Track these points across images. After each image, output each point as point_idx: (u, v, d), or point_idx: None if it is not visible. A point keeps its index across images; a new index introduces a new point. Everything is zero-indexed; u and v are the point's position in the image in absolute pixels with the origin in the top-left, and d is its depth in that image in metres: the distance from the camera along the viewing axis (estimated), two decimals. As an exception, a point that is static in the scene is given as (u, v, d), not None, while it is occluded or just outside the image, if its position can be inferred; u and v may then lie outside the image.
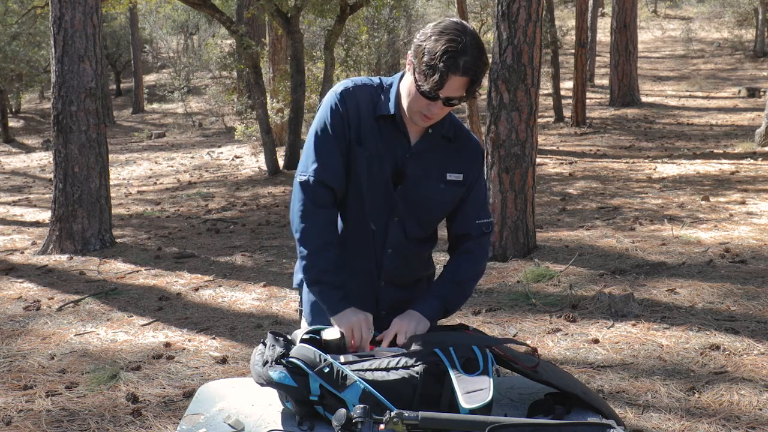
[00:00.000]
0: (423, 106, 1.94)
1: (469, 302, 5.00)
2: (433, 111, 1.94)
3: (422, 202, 2.08)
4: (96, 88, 7.15)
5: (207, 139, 18.41)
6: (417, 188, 2.07)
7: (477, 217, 2.16)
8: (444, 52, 1.83)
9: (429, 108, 1.94)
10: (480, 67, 1.86)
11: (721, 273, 5.14)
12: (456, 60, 1.83)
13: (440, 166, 2.08)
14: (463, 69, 1.83)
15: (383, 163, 2.04)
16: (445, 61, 1.82)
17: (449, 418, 1.63)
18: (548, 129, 14.69)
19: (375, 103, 2.05)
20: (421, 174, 2.06)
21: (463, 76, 1.85)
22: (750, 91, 16.77)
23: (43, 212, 9.90)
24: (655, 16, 28.52)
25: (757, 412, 3.20)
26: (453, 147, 2.10)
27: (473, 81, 1.87)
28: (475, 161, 2.14)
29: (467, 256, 2.16)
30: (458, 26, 1.88)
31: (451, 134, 2.09)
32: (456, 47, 1.83)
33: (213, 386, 2.10)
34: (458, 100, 1.91)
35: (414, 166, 2.05)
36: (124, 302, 5.46)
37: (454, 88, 1.86)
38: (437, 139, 2.07)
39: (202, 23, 26.65)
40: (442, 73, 1.83)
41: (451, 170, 2.09)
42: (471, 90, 1.89)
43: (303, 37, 12.18)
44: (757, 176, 9.06)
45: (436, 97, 1.89)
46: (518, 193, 5.97)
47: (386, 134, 2.04)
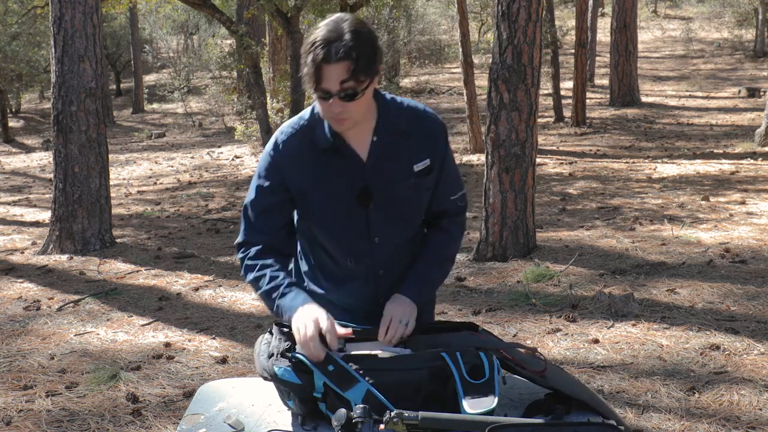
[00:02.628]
0: (326, 110, 1.85)
1: (469, 302, 5.00)
2: (335, 111, 1.83)
3: (399, 206, 2.04)
4: (96, 88, 7.15)
5: (207, 139, 18.41)
6: (390, 197, 2.01)
7: (451, 193, 2.13)
8: (312, 43, 1.77)
9: (331, 109, 1.83)
10: (358, 48, 1.76)
11: (721, 273, 5.14)
12: (327, 48, 1.75)
13: (403, 163, 2.00)
14: (335, 55, 1.75)
15: (343, 194, 1.98)
16: (314, 51, 1.76)
17: (449, 418, 1.63)
18: (548, 129, 14.69)
19: (312, 140, 1.97)
20: (387, 181, 1.99)
21: (339, 62, 1.75)
22: (750, 91, 16.77)
23: (43, 212, 9.90)
24: (655, 16, 28.52)
25: (757, 412, 3.20)
26: (411, 136, 2.00)
27: (353, 64, 1.76)
28: (437, 138, 2.04)
29: (446, 235, 2.15)
30: (336, 17, 1.81)
31: (404, 125, 1.99)
32: (326, 36, 1.76)
33: (213, 386, 2.10)
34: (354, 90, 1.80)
35: (377, 179, 1.98)
36: (124, 302, 5.46)
37: (333, 77, 1.77)
38: (389, 140, 1.98)
39: (202, 23, 26.65)
40: (313, 64, 1.77)
41: (416, 160, 2.01)
42: (355, 75, 1.77)
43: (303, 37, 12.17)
44: (757, 176, 9.06)
45: (325, 94, 1.80)
46: (518, 193, 5.97)
47: (335, 163, 1.96)
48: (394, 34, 19.24)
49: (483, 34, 21.60)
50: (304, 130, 1.97)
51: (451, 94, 19.91)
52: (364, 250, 2.05)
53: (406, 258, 2.11)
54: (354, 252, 2.06)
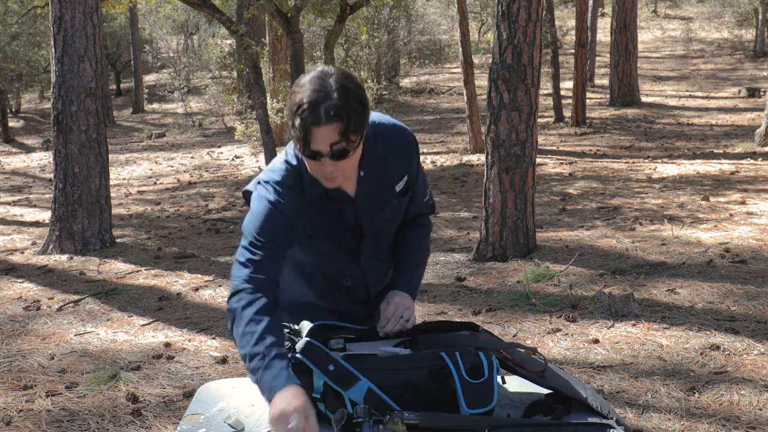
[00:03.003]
0: (316, 170, 1.80)
1: (469, 302, 5.00)
2: (326, 171, 1.78)
3: (386, 227, 2.09)
4: (96, 88, 7.15)
5: (207, 139, 18.40)
6: (378, 222, 2.05)
7: (423, 195, 2.17)
8: (299, 105, 1.69)
9: (323, 170, 1.78)
10: (347, 108, 1.69)
11: (721, 273, 5.14)
12: (314, 110, 1.68)
13: (387, 188, 2.01)
14: (325, 116, 1.68)
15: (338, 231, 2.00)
16: (302, 114, 1.69)
17: (449, 418, 1.64)
18: (548, 129, 14.69)
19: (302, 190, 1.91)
20: (375, 210, 2.02)
21: (328, 125, 1.69)
22: (750, 91, 16.77)
23: (43, 212, 9.90)
24: (655, 16, 28.52)
25: (757, 412, 3.20)
26: (390, 159, 1.98)
27: (344, 125, 1.70)
28: (411, 154, 2.04)
29: (423, 231, 2.21)
30: (319, 73, 1.73)
31: (382, 149, 1.95)
32: (312, 97, 1.68)
33: (213, 386, 2.10)
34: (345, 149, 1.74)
35: (366, 211, 2.00)
36: (124, 302, 5.46)
37: (323, 139, 1.71)
38: (373, 170, 1.95)
39: (202, 23, 26.64)
40: (302, 128, 1.70)
41: (396, 180, 2.02)
42: (346, 135, 1.71)
43: (303, 37, 12.17)
44: (757, 176, 9.06)
45: (315, 155, 1.75)
46: (518, 193, 5.97)
47: (329, 207, 1.96)
48: (394, 34, 19.25)
49: (483, 34, 21.59)
50: (294, 179, 1.91)
51: (451, 94, 19.91)
52: (356, 271, 2.11)
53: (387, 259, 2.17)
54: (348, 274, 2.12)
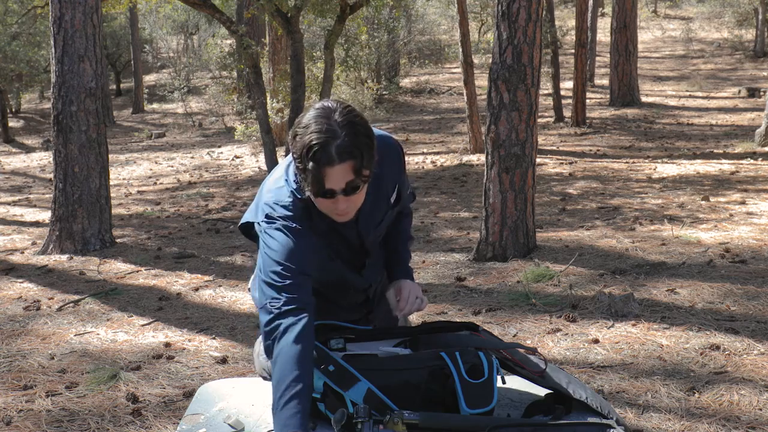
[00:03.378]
0: (329, 207, 1.78)
1: (469, 302, 5.00)
2: (341, 208, 1.76)
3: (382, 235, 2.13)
4: (96, 88, 7.15)
5: (207, 139, 18.41)
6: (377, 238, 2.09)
7: (407, 190, 2.19)
8: (309, 147, 1.65)
9: (335, 207, 1.76)
10: (358, 145, 1.66)
11: (721, 273, 5.14)
12: (325, 150, 1.64)
13: (383, 202, 2.02)
14: (337, 156, 1.65)
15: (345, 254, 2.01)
16: (313, 157, 1.65)
17: (449, 418, 1.64)
18: (548, 129, 14.69)
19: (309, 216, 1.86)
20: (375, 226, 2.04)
21: (342, 163, 1.66)
22: (750, 91, 16.77)
23: (43, 212, 9.90)
24: (655, 16, 28.52)
25: (757, 412, 3.20)
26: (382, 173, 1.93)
27: (356, 162, 1.68)
28: (399, 163, 2.03)
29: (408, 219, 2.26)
30: (322, 111, 1.69)
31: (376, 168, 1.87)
32: (320, 138, 1.64)
33: (213, 386, 2.10)
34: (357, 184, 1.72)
35: (368, 230, 2.02)
36: (124, 302, 5.47)
37: (338, 178, 1.69)
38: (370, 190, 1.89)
39: (202, 23, 26.65)
40: (315, 170, 1.66)
41: (390, 192, 2.02)
42: (360, 171, 1.69)
43: (303, 37, 12.17)
44: (757, 176, 9.06)
45: (329, 194, 1.72)
46: (518, 193, 5.97)
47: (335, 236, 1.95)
48: (394, 34, 19.25)
49: (483, 34, 21.59)
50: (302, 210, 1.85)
51: (451, 94, 19.91)
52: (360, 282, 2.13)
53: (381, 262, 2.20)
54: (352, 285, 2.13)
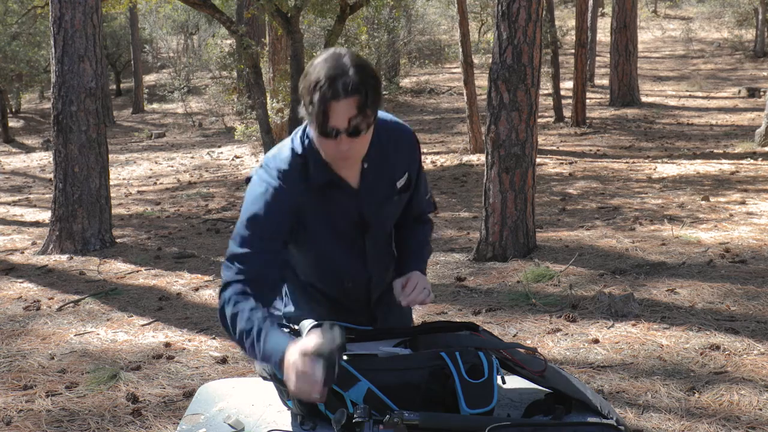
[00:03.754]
0: (332, 149, 1.79)
1: (469, 302, 5.00)
2: (342, 149, 1.78)
3: (386, 223, 2.08)
4: (96, 88, 7.15)
5: (207, 139, 18.41)
6: (381, 217, 2.03)
7: (425, 193, 2.18)
8: (316, 82, 1.71)
9: (338, 148, 1.78)
10: (365, 82, 1.72)
11: (721, 273, 5.14)
12: (333, 84, 1.70)
13: (389, 182, 2.01)
14: (343, 91, 1.70)
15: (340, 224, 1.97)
16: (320, 89, 1.70)
17: (449, 418, 1.64)
18: (548, 129, 14.69)
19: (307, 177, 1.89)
20: (378, 204, 2.01)
21: (347, 99, 1.71)
22: (750, 91, 16.77)
23: (43, 212, 9.90)
24: (655, 16, 28.52)
25: (757, 412, 3.20)
26: (391, 154, 1.98)
27: (361, 100, 1.72)
28: (413, 152, 2.05)
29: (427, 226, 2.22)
30: (332, 53, 1.76)
31: (385, 143, 1.96)
32: (330, 72, 1.71)
33: (213, 386, 2.10)
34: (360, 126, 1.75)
35: (368, 205, 1.99)
36: (124, 302, 5.46)
37: (342, 114, 1.72)
38: (376, 163, 1.95)
39: (202, 23, 26.65)
40: (321, 103, 1.71)
41: (398, 177, 2.02)
42: (363, 110, 1.73)
43: (303, 37, 12.17)
44: (757, 176, 9.06)
45: (332, 133, 1.75)
46: (518, 193, 5.97)
47: (331, 197, 1.93)
48: (394, 34, 19.25)
49: (483, 34, 21.60)
50: (299, 167, 1.89)
51: (451, 94, 19.92)
52: (359, 270, 2.07)
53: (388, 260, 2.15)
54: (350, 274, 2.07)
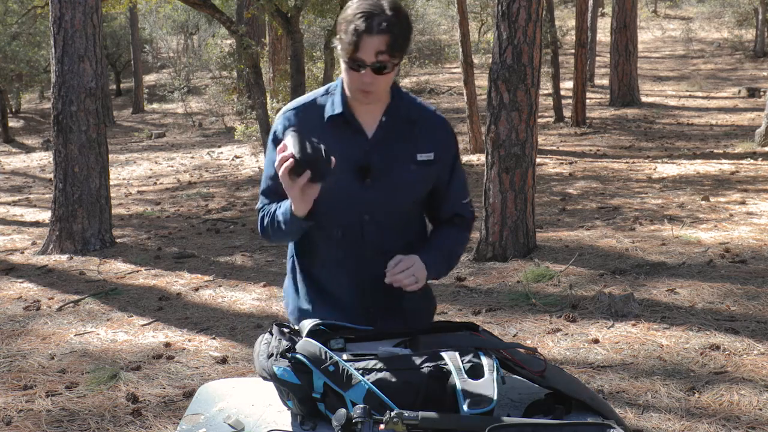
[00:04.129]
0: (356, 80, 1.92)
1: (469, 302, 5.00)
2: (365, 82, 1.90)
3: (395, 188, 2.05)
4: (96, 88, 7.15)
5: (207, 139, 18.41)
6: (387, 176, 2.04)
7: (462, 197, 2.16)
8: (354, 14, 1.84)
9: (361, 80, 1.90)
10: (398, 24, 1.84)
11: (721, 273, 5.14)
12: (369, 20, 1.82)
13: (407, 148, 2.05)
14: (377, 27, 1.82)
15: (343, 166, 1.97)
16: (356, 22, 1.83)
17: (449, 418, 1.64)
18: (548, 129, 14.69)
19: (322, 110, 2.03)
20: (388, 161, 2.03)
21: (379, 35, 1.83)
22: (750, 91, 16.77)
23: (43, 212, 9.90)
24: (655, 16, 28.53)
25: (757, 412, 3.20)
26: (419, 128, 2.06)
27: (392, 39, 1.84)
28: (448, 140, 2.10)
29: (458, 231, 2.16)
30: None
31: (414, 115, 2.06)
32: (368, 8, 1.84)
33: (213, 386, 2.10)
34: (386, 64, 1.87)
35: (378, 156, 2.02)
36: (124, 302, 5.47)
37: (371, 49, 1.85)
38: (397, 124, 2.04)
39: (202, 23, 26.65)
40: (354, 34, 1.83)
41: (421, 150, 2.05)
42: (392, 49, 1.85)
43: (303, 37, 12.18)
44: (757, 176, 9.06)
45: (360, 65, 1.87)
46: (518, 193, 5.97)
47: (341, 135, 2.01)
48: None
49: (483, 34, 21.60)
50: (317, 103, 2.05)
51: (451, 94, 19.91)
52: (353, 224, 2.06)
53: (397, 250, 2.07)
54: (343, 224, 2.07)
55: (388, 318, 2.13)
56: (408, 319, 2.14)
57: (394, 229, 2.10)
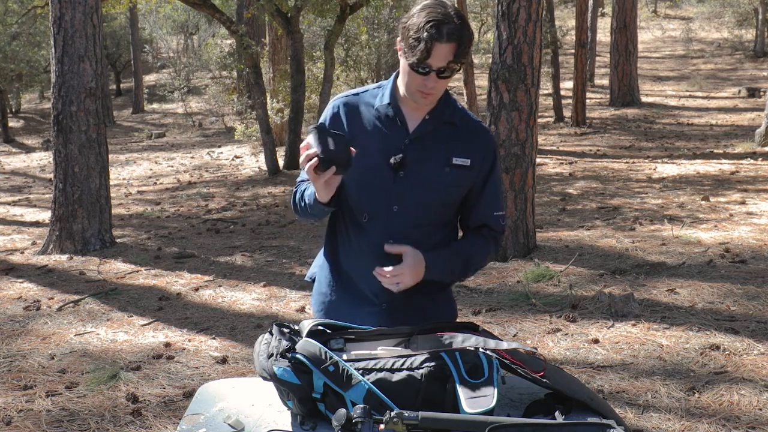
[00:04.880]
0: (419, 83, 1.99)
1: (469, 302, 5.00)
2: (428, 85, 1.98)
3: (426, 185, 2.08)
4: (96, 88, 7.15)
5: (207, 139, 18.41)
6: (420, 172, 2.07)
7: (495, 209, 2.18)
8: (427, 22, 1.92)
9: (424, 83, 1.98)
10: (464, 33, 1.93)
11: (721, 273, 5.14)
12: (439, 28, 1.90)
13: (444, 150, 2.09)
14: (447, 35, 1.91)
15: (380, 155, 2.06)
16: (429, 29, 1.91)
17: (449, 418, 1.64)
18: (548, 129, 14.69)
19: (372, 101, 2.13)
20: (424, 158, 2.08)
21: (449, 43, 1.91)
22: (750, 91, 16.78)
23: (43, 212, 9.91)
24: (655, 16, 28.53)
25: (757, 412, 3.20)
26: (459, 133, 2.11)
27: (459, 47, 1.93)
28: (487, 150, 2.14)
29: (483, 241, 2.18)
30: (439, 2, 1.97)
31: (457, 120, 2.12)
32: (438, 17, 1.92)
33: (213, 386, 2.10)
34: (450, 70, 1.96)
35: (414, 151, 2.07)
36: (124, 302, 5.47)
37: (441, 56, 1.93)
38: (438, 123, 2.10)
39: (202, 23, 26.65)
40: (427, 41, 1.91)
41: (457, 155, 2.09)
42: (458, 57, 1.94)
43: (303, 37, 12.18)
44: (757, 176, 9.06)
45: (426, 70, 1.95)
46: (518, 193, 5.97)
47: (384, 126, 2.10)
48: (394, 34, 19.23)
49: (483, 34, 21.59)
50: (368, 96, 2.15)
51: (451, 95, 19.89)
52: (380, 213, 2.10)
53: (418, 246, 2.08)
54: (370, 211, 2.11)
55: (403, 313, 2.13)
56: (423, 318, 2.12)
57: (421, 227, 2.12)
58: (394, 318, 2.11)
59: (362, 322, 2.01)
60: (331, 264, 2.23)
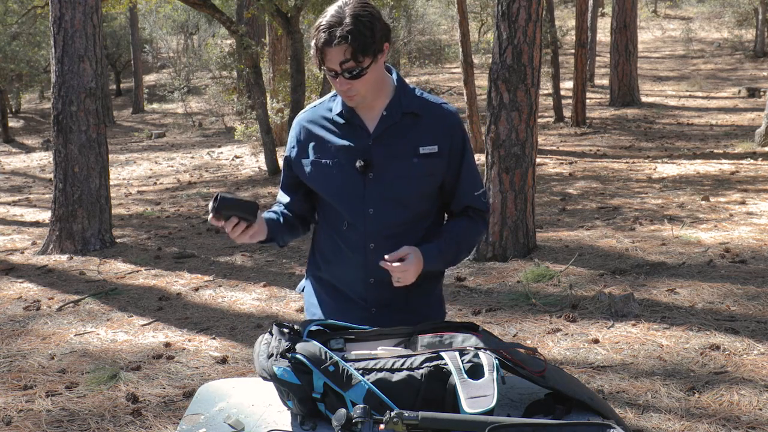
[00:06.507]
0: (336, 87, 2.01)
1: (469, 302, 5.00)
2: (341, 88, 1.99)
3: (396, 181, 2.07)
4: (96, 88, 7.15)
5: (207, 139, 18.41)
6: (389, 169, 2.06)
7: (474, 189, 2.16)
8: (317, 29, 1.94)
9: (339, 86, 2.00)
10: (356, 32, 1.89)
11: (721, 273, 5.14)
12: (328, 32, 1.90)
13: (410, 141, 2.07)
14: (337, 38, 1.89)
15: (346, 161, 2.06)
16: (317, 36, 1.93)
17: (449, 418, 1.64)
18: (548, 129, 14.69)
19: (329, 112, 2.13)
20: (390, 154, 2.06)
21: (338, 46, 1.90)
22: (750, 91, 16.77)
23: (43, 212, 9.91)
24: (655, 16, 28.53)
25: (757, 412, 3.20)
26: (422, 121, 2.08)
27: (354, 47, 1.90)
28: (454, 132, 2.10)
29: (471, 222, 2.17)
30: (337, 5, 1.95)
31: (417, 109, 2.09)
32: (325, 22, 1.92)
33: (213, 386, 2.10)
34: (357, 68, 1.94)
35: (380, 150, 2.06)
36: (124, 302, 5.47)
37: (335, 59, 1.93)
38: (397, 117, 2.07)
39: (202, 23, 26.65)
40: (319, 47, 1.93)
41: (423, 143, 2.07)
42: (356, 56, 1.91)
43: (303, 37, 12.17)
44: (757, 176, 9.06)
45: (331, 73, 1.96)
46: (518, 193, 5.97)
47: (344, 132, 2.09)
48: (394, 34, 19.24)
49: (483, 34, 21.60)
50: (325, 105, 2.16)
51: (451, 94, 19.91)
52: (358, 218, 2.09)
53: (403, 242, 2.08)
54: (348, 218, 2.11)
55: (394, 315, 2.13)
56: (415, 318, 2.12)
57: (401, 224, 2.10)
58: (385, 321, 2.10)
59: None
60: (316, 275, 2.24)
